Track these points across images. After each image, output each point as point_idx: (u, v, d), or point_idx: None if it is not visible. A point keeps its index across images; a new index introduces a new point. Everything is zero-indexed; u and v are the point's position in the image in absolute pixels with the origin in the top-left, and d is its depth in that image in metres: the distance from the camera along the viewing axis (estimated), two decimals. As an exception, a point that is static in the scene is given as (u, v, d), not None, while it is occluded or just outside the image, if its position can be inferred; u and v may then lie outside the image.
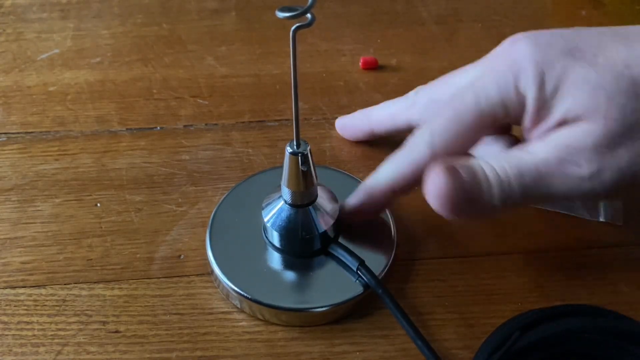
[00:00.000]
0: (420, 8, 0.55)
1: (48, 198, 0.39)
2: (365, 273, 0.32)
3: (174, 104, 0.46)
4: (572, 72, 0.29)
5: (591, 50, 0.30)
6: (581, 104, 0.29)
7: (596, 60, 0.29)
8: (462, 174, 0.30)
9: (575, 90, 0.29)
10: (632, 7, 0.55)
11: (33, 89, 0.47)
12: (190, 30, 0.52)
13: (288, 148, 0.31)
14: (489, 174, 0.30)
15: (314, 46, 0.51)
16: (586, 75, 0.29)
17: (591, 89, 0.29)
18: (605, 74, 0.29)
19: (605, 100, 0.29)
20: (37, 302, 0.34)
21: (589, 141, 0.29)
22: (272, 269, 0.34)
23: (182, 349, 0.32)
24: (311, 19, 0.27)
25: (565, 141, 0.29)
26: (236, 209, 0.37)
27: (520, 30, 0.52)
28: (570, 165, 0.29)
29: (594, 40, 0.30)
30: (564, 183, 0.29)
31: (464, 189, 0.30)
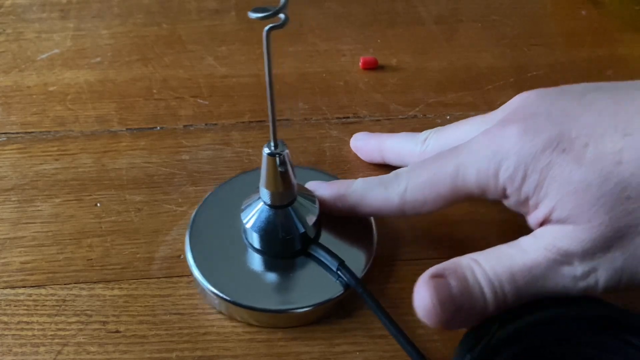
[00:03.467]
0: (420, 8, 0.55)
1: (48, 198, 0.39)
2: (345, 273, 0.32)
3: (174, 104, 0.46)
4: (555, 169, 0.27)
5: (582, 139, 0.27)
6: (563, 207, 0.27)
7: (584, 154, 0.27)
8: (451, 284, 0.28)
9: (557, 191, 0.27)
10: (632, 7, 0.55)
11: (33, 89, 0.47)
12: (190, 30, 0.52)
13: (265, 149, 0.31)
14: (480, 279, 0.28)
15: (314, 46, 0.51)
16: (570, 175, 0.27)
17: (574, 191, 0.27)
18: (591, 173, 0.27)
19: (590, 204, 0.27)
20: (37, 302, 0.34)
21: (578, 246, 0.27)
22: (252, 271, 0.34)
23: (182, 349, 0.32)
24: (284, 19, 0.27)
25: (554, 242, 0.28)
26: (216, 212, 0.36)
27: (519, 30, 0.52)
28: (563, 266, 0.27)
29: (590, 122, 0.27)
30: (558, 283, 0.28)
31: (455, 302, 0.28)
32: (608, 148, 0.27)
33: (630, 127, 0.27)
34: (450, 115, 0.45)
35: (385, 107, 0.45)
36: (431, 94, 0.47)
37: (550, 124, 0.28)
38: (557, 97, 0.30)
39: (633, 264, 0.27)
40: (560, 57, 0.50)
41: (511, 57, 0.50)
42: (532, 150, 0.28)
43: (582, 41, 0.52)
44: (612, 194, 0.26)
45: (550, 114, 0.28)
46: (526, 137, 0.28)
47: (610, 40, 0.52)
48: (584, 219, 0.27)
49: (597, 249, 0.27)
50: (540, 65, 0.49)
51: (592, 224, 0.27)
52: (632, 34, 0.52)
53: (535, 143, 0.28)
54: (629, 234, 0.26)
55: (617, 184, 0.26)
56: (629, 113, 0.27)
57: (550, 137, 0.28)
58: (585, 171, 0.27)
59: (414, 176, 0.32)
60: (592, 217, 0.27)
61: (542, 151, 0.27)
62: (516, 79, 0.48)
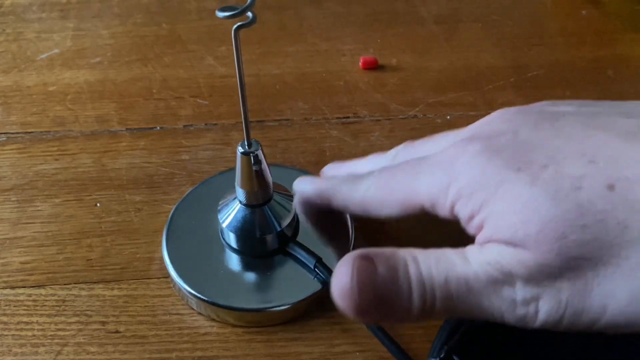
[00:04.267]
0: (420, 8, 0.55)
1: (48, 198, 0.39)
2: (322, 270, 0.32)
3: (174, 104, 0.46)
4: (505, 186, 0.25)
5: (543, 161, 0.25)
6: (509, 229, 0.25)
7: (541, 175, 0.25)
8: (378, 271, 0.26)
9: (503, 209, 0.25)
10: (632, 7, 0.55)
11: (33, 88, 0.47)
12: (190, 30, 0.52)
13: (239, 148, 0.31)
14: (412, 277, 0.26)
15: (314, 46, 0.51)
16: (520, 194, 0.25)
17: (521, 210, 0.24)
18: (543, 193, 0.24)
19: (537, 227, 0.24)
20: (36, 302, 0.34)
21: (523, 269, 0.25)
22: (230, 270, 0.34)
23: (182, 349, 0.32)
24: (252, 18, 0.27)
25: (499, 259, 0.25)
26: (193, 212, 0.36)
27: (520, 30, 0.52)
28: (504, 286, 0.25)
29: (556, 146, 0.25)
30: (493, 304, 0.25)
31: (376, 291, 0.25)
32: (569, 172, 0.24)
33: (598, 155, 0.25)
34: (450, 115, 0.44)
35: (385, 107, 0.45)
36: (431, 93, 0.46)
37: (513, 144, 0.26)
38: (532, 118, 0.28)
39: (580, 300, 0.24)
40: (560, 57, 0.50)
41: (511, 57, 0.50)
42: (486, 168, 0.26)
43: (583, 41, 0.52)
44: (566, 219, 0.24)
45: (517, 134, 0.27)
46: (483, 156, 0.26)
47: (610, 40, 0.52)
48: (530, 242, 0.24)
49: (542, 276, 0.24)
50: (540, 65, 0.49)
51: (539, 249, 0.24)
52: (633, 33, 0.52)
53: (491, 161, 0.26)
54: (579, 267, 0.24)
55: (572, 210, 0.24)
56: (600, 140, 0.25)
57: (509, 157, 0.26)
58: (538, 191, 0.24)
59: (379, 177, 0.31)
60: (541, 242, 0.24)
61: (495, 168, 0.26)
62: (516, 79, 0.48)
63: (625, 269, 0.23)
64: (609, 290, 0.24)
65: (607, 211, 0.24)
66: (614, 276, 0.24)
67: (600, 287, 0.24)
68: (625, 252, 0.23)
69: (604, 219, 0.24)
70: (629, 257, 0.23)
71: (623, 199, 0.23)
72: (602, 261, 0.24)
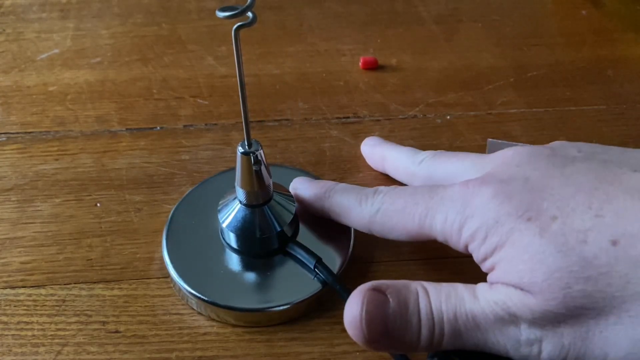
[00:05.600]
0: (420, 8, 0.55)
1: (48, 198, 0.39)
2: (322, 270, 0.32)
3: (174, 104, 0.46)
4: (516, 235, 0.26)
5: (553, 211, 0.26)
6: (517, 275, 0.26)
7: (550, 226, 0.26)
8: (389, 304, 0.27)
9: (513, 257, 0.26)
10: (633, 7, 0.55)
11: (33, 88, 0.47)
12: (190, 30, 0.52)
13: (239, 148, 0.31)
14: (422, 310, 0.27)
15: (314, 46, 0.51)
16: (529, 243, 0.26)
17: (529, 259, 0.26)
18: (551, 246, 0.25)
19: (543, 276, 0.25)
20: (36, 302, 0.34)
21: (528, 313, 0.26)
22: (230, 271, 0.34)
23: (182, 349, 0.32)
24: (252, 18, 0.27)
25: (506, 300, 0.26)
26: (193, 212, 0.36)
27: (520, 30, 0.52)
28: (510, 326, 0.26)
29: (565, 195, 0.27)
30: (499, 341, 0.27)
31: (386, 324, 0.27)
32: (576, 225, 0.26)
33: (604, 209, 0.26)
34: (450, 115, 0.44)
35: (385, 107, 0.45)
36: (431, 93, 0.46)
37: (524, 191, 0.27)
38: (542, 164, 0.29)
39: (582, 346, 0.26)
40: (560, 57, 0.50)
41: (511, 57, 0.50)
42: (498, 215, 0.27)
43: (583, 41, 0.52)
44: (571, 271, 0.25)
45: (527, 180, 0.28)
46: (496, 200, 0.27)
47: (610, 40, 0.52)
48: (536, 289, 0.26)
49: (546, 321, 0.26)
50: (540, 65, 0.49)
51: (544, 296, 0.25)
52: (633, 34, 0.52)
53: (503, 207, 0.27)
54: (582, 315, 0.25)
55: (577, 262, 0.25)
56: (607, 194, 0.26)
57: (520, 204, 0.27)
58: (546, 243, 0.26)
59: (388, 201, 0.31)
60: (545, 290, 0.25)
61: (507, 216, 0.27)
62: (516, 79, 0.48)
63: (625, 320, 0.25)
64: (610, 339, 0.25)
65: (611, 265, 0.25)
66: (615, 327, 0.25)
67: (602, 335, 0.25)
68: (626, 305, 0.25)
69: (607, 272, 0.25)
70: (629, 310, 0.25)
71: (626, 254, 0.25)
72: (605, 312, 0.25)
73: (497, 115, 0.45)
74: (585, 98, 0.46)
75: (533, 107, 0.45)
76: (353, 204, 0.33)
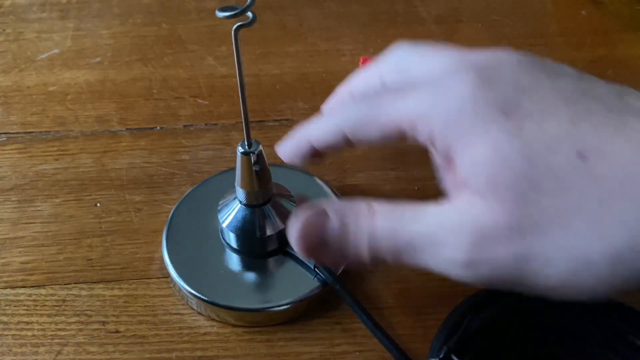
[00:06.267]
0: (420, 8, 0.55)
1: (48, 198, 0.39)
2: (322, 270, 0.32)
3: (174, 104, 0.46)
4: (487, 130, 0.25)
5: (531, 111, 0.25)
6: (478, 173, 0.25)
7: (524, 127, 0.25)
8: (331, 225, 0.27)
9: (478, 154, 0.25)
10: (633, 6, 0.55)
11: (33, 89, 0.47)
12: (190, 30, 0.52)
13: (239, 148, 0.31)
14: (364, 235, 0.27)
15: (314, 46, 0.51)
16: (498, 142, 0.25)
17: (495, 162, 0.25)
18: (521, 149, 0.25)
19: (506, 182, 0.25)
20: (37, 302, 0.34)
21: (475, 228, 0.25)
22: (230, 270, 0.34)
23: (182, 349, 0.32)
24: (252, 18, 0.27)
25: (452, 219, 0.26)
26: (193, 212, 0.36)
27: (520, 30, 0.52)
28: (444, 248, 0.26)
29: (549, 99, 0.26)
30: (435, 263, 0.26)
31: (325, 241, 0.27)
32: (550, 130, 0.25)
33: (582, 120, 0.25)
34: (451, 115, 0.44)
35: (385, 107, 0.45)
36: (431, 94, 0.46)
37: (509, 85, 0.26)
38: (536, 67, 0.28)
39: (520, 267, 0.25)
40: (560, 57, 0.50)
41: (511, 57, 0.50)
42: (475, 99, 0.26)
43: (582, 41, 0.52)
44: (532, 180, 0.24)
45: (515, 77, 0.27)
46: (478, 85, 0.26)
47: (610, 40, 0.52)
48: (493, 196, 0.25)
49: (491, 238, 0.25)
50: (540, 65, 0.49)
51: (500, 205, 0.25)
52: (633, 34, 0.52)
53: (484, 94, 0.26)
54: (529, 230, 0.24)
55: (542, 173, 0.24)
56: (590, 109, 0.25)
57: (501, 96, 0.26)
58: (516, 146, 0.25)
59: (350, 112, 0.30)
60: (503, 198, 0.25)
61: (485, 104, 0.26)
62: (516, 79, 0.48)
63: (570, 238, 0.24)
64: (551, 257, 0.24)
65: (572, 180, 0.24)
66: (559, 244, 0.24)
67: (544, 253, 0.24)
68: (575, 222, 0.24)
69: (567, 187, 0.24)
70: (575, 228, 0.24)
71: (590, 171, 0.24)
72: (552, 228, 0.24)
73: (497, 115, 0.45)
74: (585, 98, 0.46)
75: (533, 107, 0.45)
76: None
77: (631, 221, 0.24)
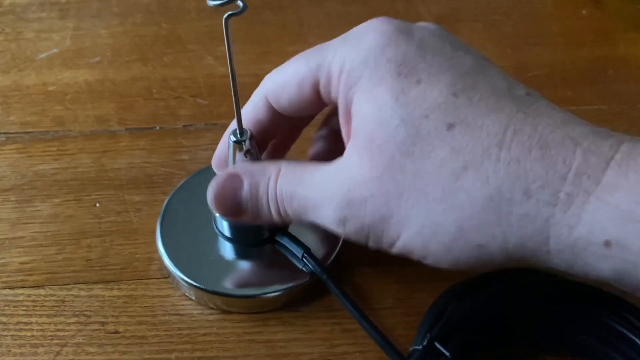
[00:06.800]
0: (421, 7, 0.55)
1: (47, 198, 0.39)
2: (310, 260, 0.33)
3: (174, 104, 0.46)
4: (380, 88, 0.27)
5: (422, 75, 0.27)
6: (361, 134, 0.27)
7: (410, 90, 0.26)
8: (243, 187, 0.30)
9: (365, 116, 0.27)
10: (633, 6, 0.55)
11: (32, 88, 0.47)
12: (190, 30, 0.52)
13: (231, 137, 0.32)
14: (270, 193, 0.30)
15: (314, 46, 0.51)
16: (385, 102, 0.26)
17: (376, 120, 0.26)
18: (400, 111, 0.26)
19: (379, 140, 0.26)
20: (36, 303, 0.34)
21: (345, 187, 0.27)
22: (222, 258, 0.34)
23: (181, 349, 0.32)
24: (243, 7, 0.28)
25: (333, 178, 0.28)
26: (188, 200, 0.37)
27: (520, 30, 0.52)
28: (323, 208, 0.28)
29: (443, 67, 0.27)
30: (321, 222, 0.29)
31: (239, 203, 0.31)
32: (431, 97, 0.26)
33: (463, 92, 0.26)
34: (451, 115, 0.44)
35: (385, 107, 0.45)
36: (431, 93, 0.46)
37: (413, 45, 0.28)
38: (443, 36, 0.29)
39: (379, 227, 0.27)
40: (560, 57, 0.50)
41: (512, 57, 0.50)
42: (379, 53, 0.27)
43: (583, 41, 0.51)
44: (402, 143, 0.26)
45: (422, 39, 0.28)
46: (386, 39, 0.28)
47: (611, 40, 0.51)
48: (367, 153, 0.27)
49: (359, 199, 0.27)
50: (540, 65, 0.49)
51: (372, 162, 0.27)
52: (633, 33, 0.52)
53: (388, 50, 0.27)
54: (390, 193, 0.26)
55: (410, 136, 0.26)
56: (475, 82, 0.27)
57: (401, 53, 0.27)
58: (397, 107, 0.26)
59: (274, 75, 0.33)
60: (375, 156, 0.26)
61: (386, 61, 0.27)
62: (517, 79, 0.47)
63: (422, 203, 0.26)
64: (405, 220, 0.26)
65: (434, 146, 0.25)
66: (413, 208, 0.26)
67: (399, 216, 0.26)
68: (428, 188, 0.26)
69: (428, 152, 0.26)
70: (429, 194, 0.25)
71: (451, 141, 0.25)
72: (410, 192, 0.26)
73: (497, 115, 0.44)
74: (586, 98, 0.46)
75: (533, 107, 0.45)
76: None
77: (476, 194, 0.25)
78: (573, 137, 0.25)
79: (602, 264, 0.24)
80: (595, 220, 0.24)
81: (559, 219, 0.24)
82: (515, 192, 0.24)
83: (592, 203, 0.24)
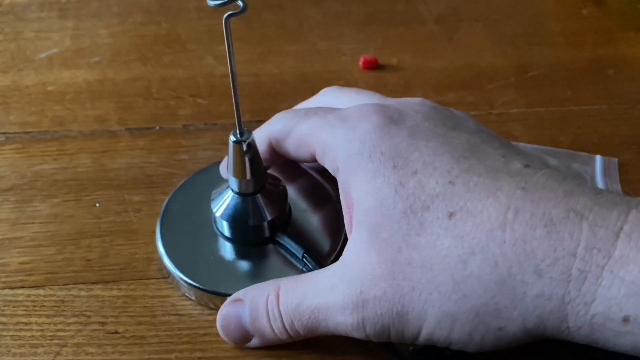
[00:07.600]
0: (421, 7, 0.55)
1: (47, 198, 0.39)
2: (310, 260, 0.33)
3: (173, 104, 0.46)
4: (378, 181, 0.27)
5: (417, 165, 0.27)
6: (365, 227, 0.27)
7: (407, 182, 0.27)
8: (244, 312, 0.30)
9: (368, 208, 0.27)
10: (634, 5, 0.55)
11: (31, 88, 0.47)
12: (190, 30, 0.52)
13: (232, 137, 0.32)
14: (271, 312, 0.29)
15: (314, 45, 0.51)
16: (385, 196, 0.27)
17: (379, 213, 0.27)
18: (400, 204, 0.27)
19: (385, 234, 0.27)
20: (35, 303, 0.34)
21: (357, 288, 0.27)
22: (222, 259, 0.34)
23: (181, 349, 0.32)
24: (243, 7, 0.28)
25: (340, 279, 0.28)
26: (188, 200, 0.37)
27: (520, 30, 0.52)
28: (336, 316, 0.28)
29: (438, 153, 0.28)
30: (336, 330, 0.29)
31: (245, 329, 0.30)
32: (428, 187, 0.27)
33: (459, 178, 0.27)
34: (451, 115, 0.44)
35: (385, 107, 0.45)
36: (432, 93, 0.46)
37: (405, 135, 0.28)
38: (438, 117, 0.30)
39: (399, 324, 0.27)
40: (561, 57, 0.50)
41: (512, 57, 0.50)
42: (373, 145, 0.28)
43: (584, 40, 0.51)
44: (406, 235, 0.26)
45: (415, 126, 0.29)
46: (377, 133, 0.28)
47: (611, 40, 0.51)
48: (374, 250, 0.27)
49: (369, 301, 0.27)
50: (541, 65, 0.49)
51: (379, 257, 0.27)
52: (634, 33, 0.52)
53: (381, 142, 0.28)
54: (401, 289, 0.26)
55: (414, 228, 0.26)
56: (470, 165, 0.27)
57: (394, 146, 0.28)
58: (398, 201, 0.27)
59: (276, 121, 0.34)
60: (382, 250, 0.27)
61: (380, 153, 0.28)
62: (517, 79, 0.48)
63: (435, 295, 0.26)
64: (422, 314, 0.26)
65: (438, 236, 0.26)
66: (427, 302, 0.26)
67: (414, 312, 0.26)
68: (439, 278, 0.26)
69: (432, 242, 0.26)
70: (439, 285, 0.26)
71: (454, 229, 0.26)
72: (421, 286, 0.26)
73: (497, 115, 0.44)
74: (586, 98, 0.46)
75: (534, 107, 0.45)
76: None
77: (487, 279, 0.25)
78: (577, 210, 0.25)
79: (622, 339, 0.24)
80: (611, 297, 0.24)
81: (574, 296, 0.24)
82: (526, 272, 0.24)
83: (606, 278, 0.24)
